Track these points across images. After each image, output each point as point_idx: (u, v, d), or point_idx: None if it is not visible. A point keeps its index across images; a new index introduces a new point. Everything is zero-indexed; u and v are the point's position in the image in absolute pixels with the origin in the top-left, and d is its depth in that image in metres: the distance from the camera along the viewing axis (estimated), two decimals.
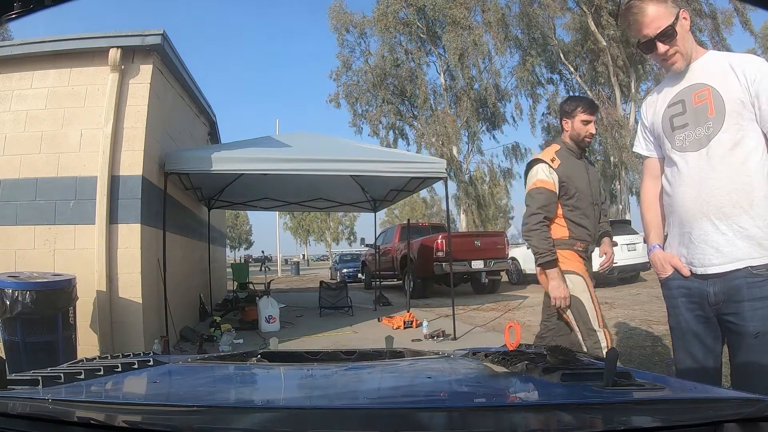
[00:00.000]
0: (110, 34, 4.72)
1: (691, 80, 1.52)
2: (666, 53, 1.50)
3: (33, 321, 3.47)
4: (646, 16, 1.49)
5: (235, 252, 49.61)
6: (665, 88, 1.61)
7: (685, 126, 1.52)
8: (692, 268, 1.50)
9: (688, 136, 1.50)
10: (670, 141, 1.55)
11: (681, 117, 1.53)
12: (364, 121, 20.88)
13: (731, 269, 1.41)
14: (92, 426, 0.66)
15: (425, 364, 1.18)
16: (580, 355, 0.97)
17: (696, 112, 1.49)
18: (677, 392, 0.78)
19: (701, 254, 1.47)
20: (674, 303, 1.55)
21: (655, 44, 1.50)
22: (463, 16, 18.17)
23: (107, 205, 4.43)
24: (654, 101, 1.64)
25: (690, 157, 1.49)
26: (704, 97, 1.48)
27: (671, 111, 1.56)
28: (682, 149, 1.52)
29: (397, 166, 5.83)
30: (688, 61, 1.52)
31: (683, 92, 1.54)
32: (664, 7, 1.48)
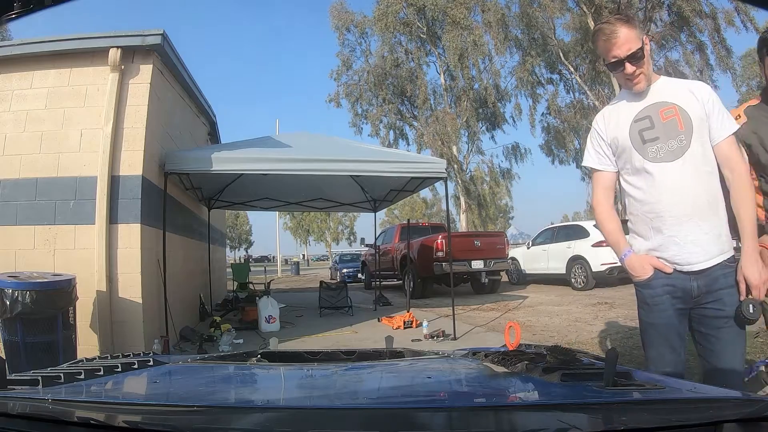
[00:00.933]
0: (110, 34, 4.73)
1: (655, 99, 1.67)
2: (633, 73, 1.63)
3: (33, 321, 3.47)
4: (618, 37, 1.62)
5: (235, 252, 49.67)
6: (624, 104, 1.73)
7: (657, 139, 1.65)
8: (677, 266, 1.63)
9: (661, 148, 1.64)
10: (642, 153, 1.67)
11: (650, 131, 1.66)
12: (364, 120, 20.92)
13: (713, 264, 1.60)
14: (92, 426, 0.66)
15: (425, 364, 1.18)
16: (580, 355, 0.97)
17: (665, 127, 1.64)
18: (677, 392, 0.78)
19: (688, 253, 1.61)
20: (658, 300, 1.65)
21: (624, 64, 1.63)
22: (463, 16, 18.18)
23: (107, 205, 4.43)
24: (613, 117, 1.74)
25: (667, 167, 1.63)
26: (671, 113, 1.64)
27: (639, 125, 1.68)
28: (656, 160, 1.64)
29: (397, 166, 5.83)
30: (649, 83, 1.68)
31: (648, 109, 1.68)
32: (634, 32, 1.62)
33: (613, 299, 7.67)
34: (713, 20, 15.63)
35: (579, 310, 7.04)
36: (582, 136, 19.11)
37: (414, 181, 6.85)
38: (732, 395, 0.82)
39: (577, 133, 19.24)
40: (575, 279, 10.09)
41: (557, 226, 12.26)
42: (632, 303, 5.51)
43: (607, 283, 9.64)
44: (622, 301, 7.32)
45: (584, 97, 18.59)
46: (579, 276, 10.00)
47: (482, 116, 19.89)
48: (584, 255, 9.77)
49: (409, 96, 20.16)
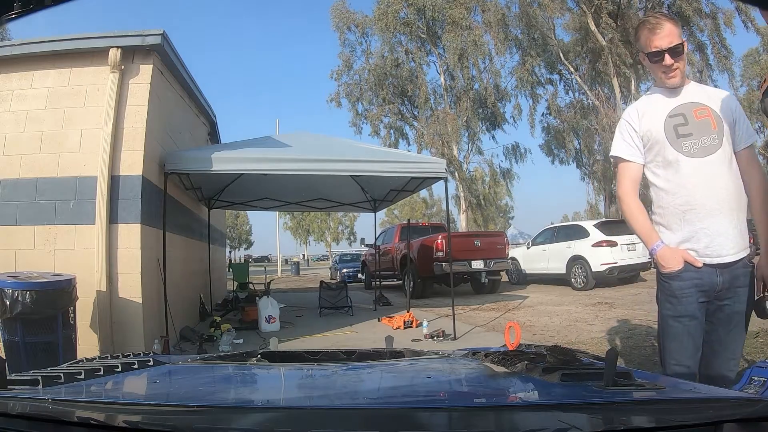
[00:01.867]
0: (110, 34, 4.72)
1: (688, 99, 1.77)
2: (671, 66, 1.72)
3: (33, 321, 3.47)
4: (663, 29, 1.71)
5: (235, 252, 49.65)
6: (659, 99, 1.81)
7: (691, 135, 1.73)
8: (707, 260, 1.69)
9: (695, 144, 1.72)
10: (676, 147, 1.74)
11: (685, 127, 1.74)
12: (364, 120, 20.91)
13: (738, 258, 1.69)
14: (92, 426, 0.66)
15: (425, 364, 1.18)
16: (580, 355, 0.97)
17: (699, 125, 1.73)
18: (677, 392, 0.78)
19: (718, 245, 1.68)
20: (687, 293, 1.71)
21: (663, 55, 1.72)
22: (462, 16, 18.18)
23: (107, 205, 4.43)
24: (648, 110, 1.81)
25: (702, 162, 1.71)
26: (705, 114, 1.74)
27: (674, 121, 1.76)
28: (690, 155, 1.72)
29: (397, 166, 5.83)
30: (682, 82, 1.78)
31: (682, 107, 1.77)
32: (676, 29, 1.73)
33: (613, 299, 7.67)
34: (713, 20, 15.63)
35: (579, 310, 7.04)
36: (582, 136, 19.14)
37: (414, 181, 6.85)
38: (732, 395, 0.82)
39: (577, 133, 19.25)
40: (575, 279, 10.09)
41: (557, 226, 12.26)
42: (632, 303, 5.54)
43: (607, 283, 9.64)
44: (622, 301, 7.32)
45: (584, 97, 18.60)
46: (579, 276, 10.00)
47: (482, 116, 19.90)
48: (584, 255, 9.77)
49: (410, 96, 20.17)
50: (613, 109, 16.83)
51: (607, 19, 15.82)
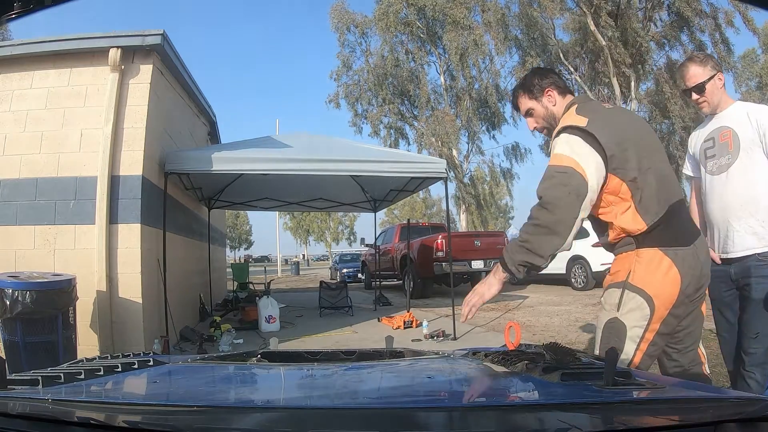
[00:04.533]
0: (110, 34, 4.73)
1: (720, 123, 2.12)
2: (697, 100, 2.12)
3: (33, 321, 3.47)
4: (688, 72, 2.11)
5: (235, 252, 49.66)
6: (704, 126, 2.21)
7: (714, 156, 2.12)
8: (722, 255, 2.08)
9: (716, 164, 2.11)
10: (704, 167, 2.16)
11: (711, 149, 2.14)
12: (364, 120, 20.89)
13: (743, 255, 2.02)
14: (92, 426, 0.66)
15: (425, 364, 1.18)
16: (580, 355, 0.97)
17: (720, 147, 2.10)
18: (677, 392, 0.78)
19: (725, 245, 2.07)
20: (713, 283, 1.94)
21: (690, 93, 2.12)
22: (463, 16, 18.17)
23: (107, 205, 4.43)
24: (696, 135, 2.24)
25: (716, 179, 2.10)
26: (727, 136, 2.08)
27: (706, 145, 2.16)
28: (711, 173, 2.12)
29: (397, 166, 5.83)
30: (714, 109, 2.12)
31: (713, 132, 2.14)
32: (701, 69, 2.08)
33: None
34: (713, 20, 15.62)
35: (579, 310, 7.04)
36: None
37: (414, 181, 6.85)
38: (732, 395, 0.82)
39: None
40: (575, 279, 10.09)
41: None
42: None
43: None
44: None
45: None
46: (579, 276, 10.00)
47: (482, 116, 19.88)
48: (584, 255, 9.76)
49: (410, 96, 20.15)
50: None
51: (607, 19, 15.80)
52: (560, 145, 1.55)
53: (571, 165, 1.49)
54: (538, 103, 1.78)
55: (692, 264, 1.52)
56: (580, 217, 1.48)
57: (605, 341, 1.55)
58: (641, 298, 1.50)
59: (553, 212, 1.46)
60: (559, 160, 1.52)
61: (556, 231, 1.46)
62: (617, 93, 16.93)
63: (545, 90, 1.77)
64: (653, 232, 1.52)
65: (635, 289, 1.51)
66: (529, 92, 1.79)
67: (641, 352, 1.50)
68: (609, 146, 1.51)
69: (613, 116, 1.65)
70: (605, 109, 1.69)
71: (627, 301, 1.52)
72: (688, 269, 1.51)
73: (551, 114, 1.76)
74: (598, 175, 1.49)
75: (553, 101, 1.77)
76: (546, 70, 1.87)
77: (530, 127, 1.87)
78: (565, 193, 1.47)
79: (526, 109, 1.82)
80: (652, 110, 17.76)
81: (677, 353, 1.65)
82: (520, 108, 1.84)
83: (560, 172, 1.50)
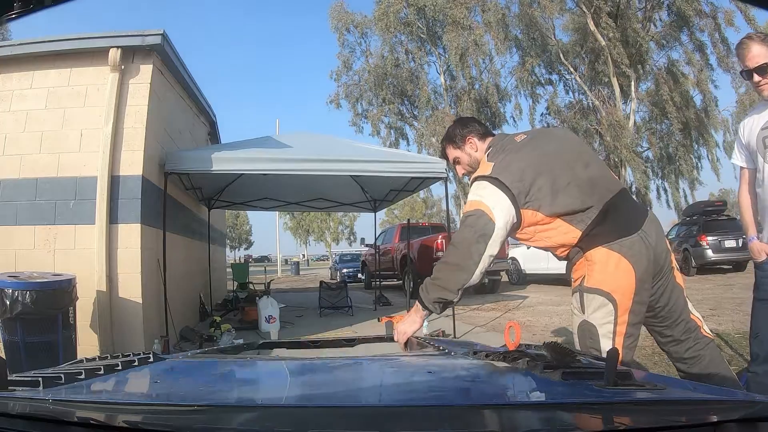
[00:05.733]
0: (110, 34, 4.72)
1: None
2: (759, 82, 1.97)
3: (33, 321, 3.47)
4: (750, 51, 1.97)
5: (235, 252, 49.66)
6: (760, 113, 2.07)
7: None
8: None
9: None
10: (763, 156, 2.03)
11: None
12: (364, 120, 20.91)
13: None
14: (92, 426, 0.66)
15: (425, 361, 1.18)
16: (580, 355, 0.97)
17: None
18: (677, 392, 0.78)
19: None
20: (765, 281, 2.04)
21: (752, 74, 1.98)
22: (463, 16, 18.17)
23: (107, 205, 4.43)
24: (750, 123, 2.10)
25: None
26: None
27: (764, 133, 2.03)
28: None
29: (397, 166, 5.83)
30: None
31: None
32: (765, 48, 1.95)
33: None
34: (713, 20, 15.62)
35: None
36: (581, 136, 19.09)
37: (414, 181, 6.85)
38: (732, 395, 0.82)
39: (577, 133, 19.23)
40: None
41: None
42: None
43: None
44: None
45: (584, 97, 18.60)
46: None
47: (483, 116, 19.87)
48: None
49: (410, 96, 20.17)
50: (614, 109, 16.82)
51: (607, 19, 15.80)
52: (471, 192, 1.68)
53: (479, 208, 1.60)
54: (462, 152, 1.89)
55: (641, 249, 1.57)
56: (487, 253, 1.58)
57: (582, 343, 1.63)
58: (600, 296, 1.58)
59: (459, 250, 1.61)
60: (469, 206, 1.65)
61: (462, 267, 1.59)
62: (617, 93, 16.93)
63: (466, 138, 1.87)
64: (591, 233, 1.59)
65: (592, 290, 1.59)
66: (453, 143, 1.90)
67: (619, 346, 1.54)
68: (514, 185, 1.60)
69: (521, 151, 1.70)
70: (515, 146, 1.74)
71: (588, 303, 1.60)
72: (639, 256, 1.56)
73: (474, 160, 1.85)
74: (507, 214, 1.59)
75: (475, 147, 1.86)
76: (467, 119, 1.96)
77: (459, 174, 1.99)
78: (471, 233, 1.59)
79: (453, 158, 1.93)
80: (652, 110, 17.76)
81: (668, 329, 1.73)
82: (449, 158, 1.95)
83: (469, 215, 1.62)
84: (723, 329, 4.51)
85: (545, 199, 1.60)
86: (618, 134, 16.24)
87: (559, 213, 1.60)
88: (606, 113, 16.71)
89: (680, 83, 16.79)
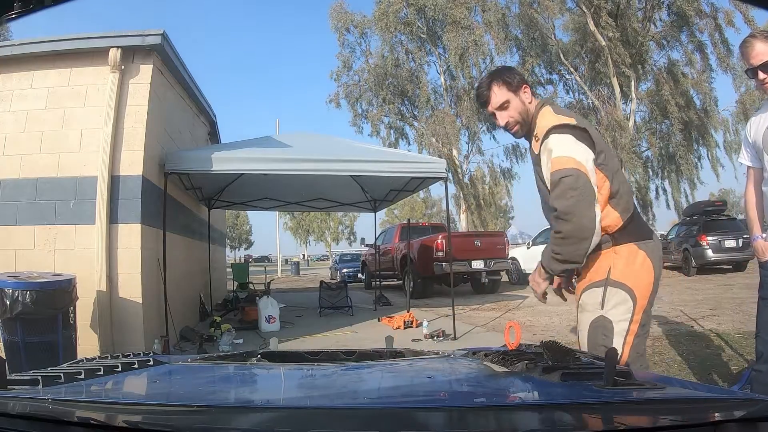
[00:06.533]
0: (110, 34, 4.73)
1: None
2: (764, 80, 1.94)
3: (33, 321, 3.47)
4: (754, 49, 1.94)
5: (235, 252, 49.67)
6: (765, 112, 2.04)
7: None
8: None
9: None
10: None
11: None
12: (364, 120, 20.89)
13: None
14: (92, 426, 0.66)
15: (425, 364, 1.18)
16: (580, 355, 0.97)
17: None
18: (677, 392, 0.78)
19: None
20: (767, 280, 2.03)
21: (756, 72, 1.95)
22: (463, 16, 18.17)
23: (107, 205, 4.43)
24: (756, 121, 2.08)
25: None
26: None
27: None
28: None
29: (397, 166, 5.82)
30: None
31: None
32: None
33: None
34: (713, 20, 15.61)
35: None
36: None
37: (414, 181, 6.85)
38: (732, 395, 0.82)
39: None
40: (575, 279, 10.07)
41: None
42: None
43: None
44: None
45: (584, 97, 18.59)
46: None
47: (483, 116, 19.86)
48: None
49: (410, 96, 20.15)
50: (614, 109, 16.81)
51: (607, 19, 15.79)
52: (556, 148, 1.52)
53: (573, 166, 1.46)
54: (516, 97, 1.68)
55: (659, 254, 1.62)
56: (597, 215, 1.47)
57: (592, 341, 1.56)
58: (624, 291, 1.53)
59: (572, 221, 1.45)
60: (560, 164, 1.48)
61: (582, 237, 1.47)
62: (617, 93, 16.92)
63: (522, 85, 1.69)
64: (627, 227, 1.57)
65: (617, 284, 1.54)
66: (508, 84, 1.68)
67: (629, 345, 1.52)
68: (598, 142, 1.53)
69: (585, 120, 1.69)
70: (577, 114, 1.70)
71: (610, 297, 1.54)
72: (657, 259, 1.59)
73: (526, 111, 1.68)
74: (593, 171, 1.50)
75: (529, 98, 1.70)
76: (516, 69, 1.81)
77: (501, 122, 1.72)
78: (577, 198, 1.44)
79: (501, 102, 1.68)
80: (652, 110, 17.75)
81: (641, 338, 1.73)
82: (492, 100, 1.69)
83: (566, 176, 1.46)
84: (723, 329, 4.51)
85: (609, 170, 1.55)
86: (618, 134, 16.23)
87: (616, 192, 1.55)
88: (606, 113, 16.70)
89: (680, 83, 16.78)
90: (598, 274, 1.57)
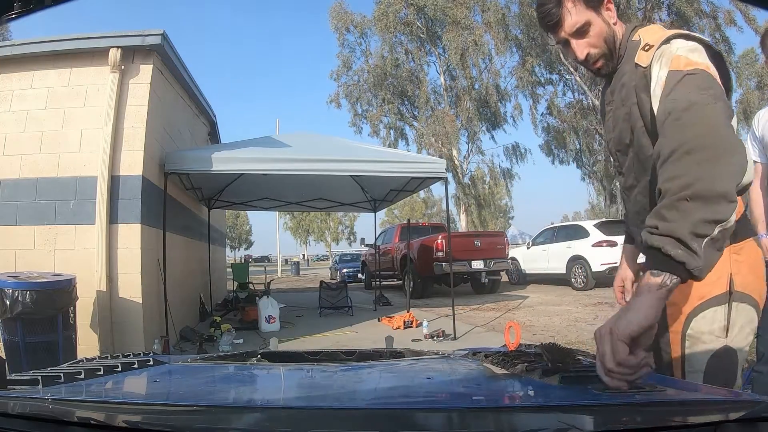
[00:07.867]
0: (110, 34, 4.73)
1: None
2: None
3: (33, 321, 3.47)
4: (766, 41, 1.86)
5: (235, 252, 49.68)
6: None
7: None
8: None
9: None
10: None
11: None
12: (364, 120, 20.90)
13: None
14: (92, 426, 0.66)
15: (425, 364, 1.18)
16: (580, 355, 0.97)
17: None
18: (677, 393, 0.78)
19: None
20: None
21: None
22: (463, 16, 18.18)
23: (107, 205, 4.43)
24: (764, 116, 2.04)
25: None
26: None
27: None
28: None
29: (397, 166, 5.83)
30: None
31: None
32: None
33: (613, 299, 7.66)
34: (713, 20, 15.62)
35: (579, 310, 7.04)
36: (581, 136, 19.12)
37: (414, 181, 6.85)
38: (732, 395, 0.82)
39: (577, 133, 19.23)
40: (575, 279, 10.10)
41: (557, 226, 12.27)
42: None
43: (607, 283, 9.63)
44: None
45: (584, 97, 18.59)
46: (579, 276, 10.00)
47: (483, 116, 19.88)
48: (584, 255, 9.77)
49: (409, 96, 20.16)
50: None
51: None
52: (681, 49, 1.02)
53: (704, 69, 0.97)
54: (597, 16, 1.15)
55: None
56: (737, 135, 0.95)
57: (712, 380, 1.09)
58: (751, 307, 1.11)
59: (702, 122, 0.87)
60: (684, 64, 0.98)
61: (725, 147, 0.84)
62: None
63: (605, 1, 1.16)
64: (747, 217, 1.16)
65: (744, 297, 1.10)
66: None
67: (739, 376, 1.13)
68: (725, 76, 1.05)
69: None
70: None
71: (737, 318, 1.10)
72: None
73: (612, 34, 1.17)
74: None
75: (614, 18, 1.17)
76: None
77: (580, 54, 1.18)
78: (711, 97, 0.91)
79: (579, 24, 1.15)
80: None
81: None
82: (566, 22, 1.15)
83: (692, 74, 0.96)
84: None
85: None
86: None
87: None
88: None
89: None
90: (716, 287, 1.08)
